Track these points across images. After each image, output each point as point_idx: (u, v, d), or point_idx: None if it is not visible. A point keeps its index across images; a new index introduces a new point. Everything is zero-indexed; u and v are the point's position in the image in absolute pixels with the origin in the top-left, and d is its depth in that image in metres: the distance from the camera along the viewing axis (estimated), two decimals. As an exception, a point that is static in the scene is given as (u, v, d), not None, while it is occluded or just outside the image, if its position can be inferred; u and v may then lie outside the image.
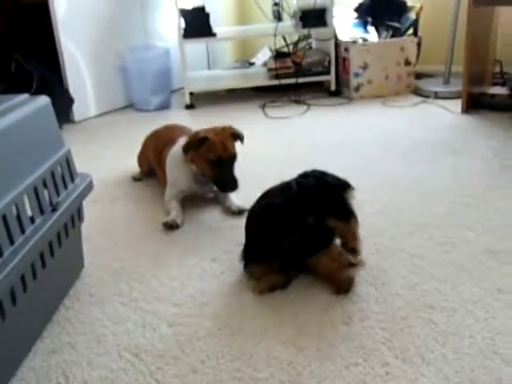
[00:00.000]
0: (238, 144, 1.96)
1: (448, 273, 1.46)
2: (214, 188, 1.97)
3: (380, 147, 2.50)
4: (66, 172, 1.43)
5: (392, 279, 1.45)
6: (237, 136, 1.95)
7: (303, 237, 1.38)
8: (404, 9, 3.47)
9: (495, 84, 3.29)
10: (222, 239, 1.74)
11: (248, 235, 1.53)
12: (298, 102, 3.40)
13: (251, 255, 1.49)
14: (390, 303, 1.34)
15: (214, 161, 1.86)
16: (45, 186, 1.30)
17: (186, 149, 1.90)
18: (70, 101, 3.24)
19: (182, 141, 1.99)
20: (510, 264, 1.47)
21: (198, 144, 1.87)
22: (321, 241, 1.40)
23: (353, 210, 1.47)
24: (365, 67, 3.35)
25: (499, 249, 1.55)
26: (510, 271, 1.44)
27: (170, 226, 1.83)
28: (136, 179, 2.32)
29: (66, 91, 3.23)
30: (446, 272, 1.46)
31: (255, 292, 1.42)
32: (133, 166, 2.38)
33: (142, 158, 2.32)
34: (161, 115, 3.36)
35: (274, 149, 2.58)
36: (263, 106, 3.36)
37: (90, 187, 1.53)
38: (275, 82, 3.50)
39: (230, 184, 1.86)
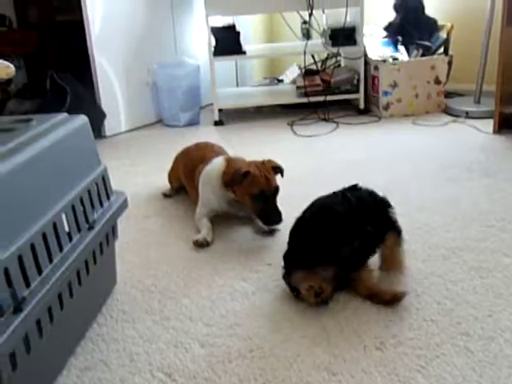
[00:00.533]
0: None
1: (484, 299, 1.43)
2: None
3: (410, 167, 2.48)
4: (102, 190, 1.45)
5: (426, 304, 1.42)
6: (277, 169, 1.95)
7: (362, 245, 1.45)
8: (434, 27, 3.46)
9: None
10: (253, 259, 1.74)
11: (296, 241, 1.51)
12: (326, 120, 3.40)
13: (297, 261, 1.47)
14: (425, 329, 1.32)
15: (258, 195, 1.85)
16: (82, 203, 1.31)
17: (229, 184, 1.89)
18: (103, 116, 3.30)
19: (220, 160, 2.00)
20: (548, 291, 1.44)
21: (241, 179, 1.87)
22: (374, 251, 1.53)
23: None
24: (394, 86, 3.34)
25: (536, 275, 1.52)
26: (547, 299, 1.41)
27: (201, 245, 1.83)
28: (166, 196, 2.33)
29: (99, 106, 3.28)
30: (481, 298, 1.43)
31: (310, 301, 1.41)
32: (163, 183, 2.39)
33: (173, 175, 2.34)
34: (190, 131, 3.39)
35: (302, 167, 2.57)
36: (292, 124, 3.36)
37: (124, 205, 1.54)
38: (304, 100, 3.51)
39: (274, 218, 1.85)
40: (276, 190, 1.89)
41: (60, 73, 3.25)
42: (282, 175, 1.98)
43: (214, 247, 1.84)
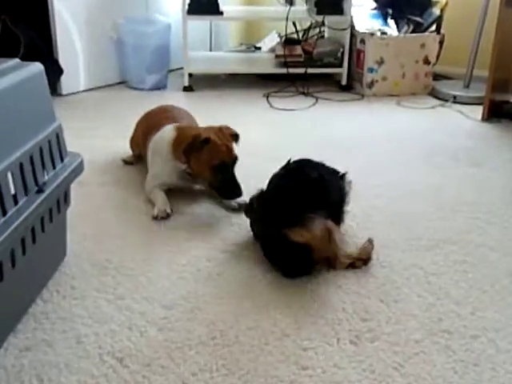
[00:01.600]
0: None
1: (467, 295, 1.41)
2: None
3: (392, 150, 2.46)
4: (56, 149, 1.37)
5: (406, 297, 1.40)
6: (235, 136, 1.88)
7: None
8: (428, 3, 3.42)
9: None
10: (220, 237, 1.69)
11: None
12: (305, 94, 3.35)
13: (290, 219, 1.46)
14: (403, 324, 1.30)
15: (218, 166, 1.78)
16: (31, 163, 1.23)
17: (187, 151, 1.80)
18: (59, 71, 3.17)
19: (170, 129, 1.92)
20: (535, 290, 1.43)
21: (200, 145, 1.78)
22: None
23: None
24: (381, 62, 3.31)
25: (523, 273, 1.51)
26: (534, 298, 1.40)
27: (162, 218, 1.79)
28: (127, 163, 2.26)
29: (56, 60, 3.15)
30: (464, 294, 1.42)
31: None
32: (124, 148, 2.32)
33: (134, 140, 2.27)
34: (156, 95, 3.30)
35: (274, 142, 2.53)
36: (267, 96, 3.30)
37: (80, 169, 1.47)
38: (282, 71, 3.44)
39: (234, 190, 1.78)
40: (235, 160, 1.83)
41: (14, 19, 3.10)
42: (237, 142, 1.90)
43: (176, 222, 1.78)
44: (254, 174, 1.87)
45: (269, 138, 2.58)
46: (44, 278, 1.43)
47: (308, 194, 1.53)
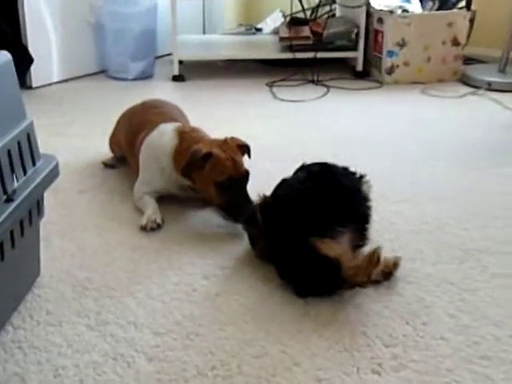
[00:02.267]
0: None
1: (508, 315, 1.41)
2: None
3: (417, 147, 2.47)
4: (27, 151, 1.37)
5: (436, 318, 1.40)
6: (244, 148, 1.88)
7: None
8: (456, -25, 3.44)
9: None
10: (218, 251, 1.70)
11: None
12: (314, 82, 3.37)
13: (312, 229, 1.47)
14: (434, 350, 1.30)
15: (224, 183, 1.78)
16: (-1, 168, 1.24)
17: (187, 170, 1.80)
18: (29, 60, 3.18)
19: (169, 131, 1.92)
20: None
21: (201, 162, 1.78)
22: None
23: None
24: (402, 45, 3.32)
25: None
26: None
27: (151, 229, 1.80)
28: (108, 166, 2.28)
29: (24, 48, 3.17)
30: (504, 313, 1.42)
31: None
32: (104, 149, 2.33)
33: (114, 140, 2.28)
34: (141, 86, 3.32)
35: (282, 139, 2.55)
36: (271, 85, 3.32)
37: (55, 173, 1.47)
38: (288, 55, 3.47)
39: (244, 211, 1.73)
40: (246, 175, 1.82)
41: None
42: (249, 155, 1.92)
43: (168, 233, 1.79)
44: (255, 176, 1.87)
45: (273, 135, 2.59)
46: (15, 302, 1.43)
47: (338, 204, 1.54)
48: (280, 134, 2.62)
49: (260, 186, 1.72)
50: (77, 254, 1.68)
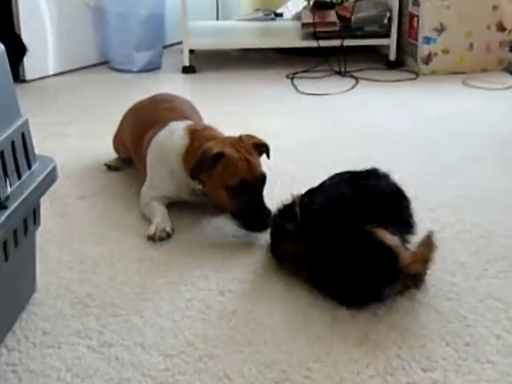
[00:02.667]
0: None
1: (562, 335, 1.41)
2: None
3: (456, 145, 2.47)
4: (21, 153, 1.39)
5: (480, 338, 1.40)
6: (261, 148, 1.88)
7: None
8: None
9: None
10: (234, 263, 1.70)
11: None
12: (342, 73, 3.37)
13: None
14: (478, 374, 1.29)
15: (236, 188, 1.78)
16: (-9, 172, 1.26)
17: (195, 172, 1.80)
18: (22, 50, 3.21)
19: (179, 129, 1.93)
20: None
21: (212, 162, 1.78)
22: None
23: None
24: (441, 30, 3.31)
25: None
26: None
27: (160, 239, 1.80)
28: (111, 168, 2.29)
29: (18, 37, 3.20)
30: (559, 334, 1.41)
31: None
32: (106, 150, 2.35)
33: (119, 139, 2.29)
34: (147, 79, 3.34)
35: (305, 138, 2.55)
36: (292, 77, 3.32)
37: (52, 177, 1.48)
38: (311, 44, 3.47)
39: (260, 220, 1.76)
40: (262, 178, 1.82)
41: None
42: (268, 156, 1.92)
43: (178, 244, 1.80)
44: (275, 180, 1.88)
45: (295, 133, 2.60)
46: (9, 321, 1.44)
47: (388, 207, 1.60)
48: (303, 132, 2.62)
49: (281, 191, 1.72)
50: (76, 267, 1.69)
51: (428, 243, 1.54)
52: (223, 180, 1.78)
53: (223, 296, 1.56)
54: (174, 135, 1.93)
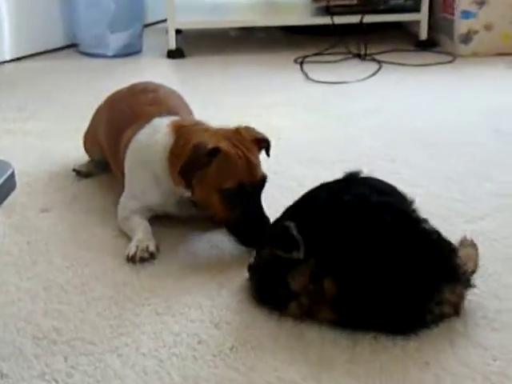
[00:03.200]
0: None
1: None
2: None
3: (502, 142, 2.48)
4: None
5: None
6: (262, 143, 1.90)
7: None
8: None
9: None
10: (232, 289, 1.70)
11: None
12: (361, 56, 3.37)
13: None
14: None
15: (232, 191, 1.78)
16: None
17: (186, 171, 1.79)
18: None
19: (163, 126, 1.93)
20: None
21: (206, 160, 1.78)
22: None
23: None
24: (481, 2, 3.32)
25: None
26: None
27: (141, 259, 1.80)
28: (81, 174, 2.29)
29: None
30: None
31: None
32: (76, 151, 2.36)
33: (91, 139, 2.31)
34: (125, 65, 3.34)
35: (316, 134, 2.55)
36: (302, 61, 3.33)
37: (9, 186, 1.49)
38: (324, 21, 3.47)
39: (260, 232, 1.73)
40: (262, 182, 1.83)
41: None
42: (268, 152, 1.93)
43: (164, 266, 1.80)
44: (278, 184, 1.88)
45: (304, 129, 2.61)
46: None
47: None
48: (313, 127, 2.63)
49: (284, 198, 1.72)
50: (40, 296, 1.69)
51: (468, 243, 1.63)
52: (217, 182, 1.78)
53: (219, 329, 1.56)
54: (157, 133, 1.94)
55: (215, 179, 1.79)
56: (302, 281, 1.55)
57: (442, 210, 1.71)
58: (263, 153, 1.93)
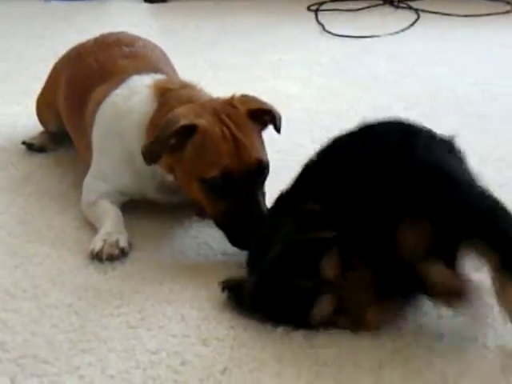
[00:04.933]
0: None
1: None
2: None
3: None
4: None
5: None
6: (263, 115, 1.89)
7: None
8: None
9: None
10: (222, 296, 1.69)
11: None
12: (394, 3, 3.38)
13: None
14: None
15: (216, 182, 1.78)
16: None
17: (149, 154, 1.79)
18: None
19: (143, 87, 1.95)
20: None
21: (178, 141, 1.78)
22: None
23: None
24: None
25: None
26: None
27: (110, 257, 1.82)
28: (34, 148, 2.32)
29: None
30: None
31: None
32: (27, 120, 2.40)
33: (46, 103, 2.33)
34: (91, 11, 3.35)
35: (335, 103, 2.57)
36: (317, 9, 3.34)
37: None
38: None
39: (248, 232, 1.73)
40: (259, 168, 1.82)
41: None
42: (278, 128, 1.92)
43: (137, 266, 1.82)
44: (286, 167, 1.89)
45: (319, 96, 2.62)
46: None
47: None
48: (331, 94, 2.64)
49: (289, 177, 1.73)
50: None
51: None
52: (196, 169, 1.78)
53: (207, 346, 1.57)
54: (135, 96, 1.94)
55: (194, 166, 1.79)
56: (335, 266, 1.56)
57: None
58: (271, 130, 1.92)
